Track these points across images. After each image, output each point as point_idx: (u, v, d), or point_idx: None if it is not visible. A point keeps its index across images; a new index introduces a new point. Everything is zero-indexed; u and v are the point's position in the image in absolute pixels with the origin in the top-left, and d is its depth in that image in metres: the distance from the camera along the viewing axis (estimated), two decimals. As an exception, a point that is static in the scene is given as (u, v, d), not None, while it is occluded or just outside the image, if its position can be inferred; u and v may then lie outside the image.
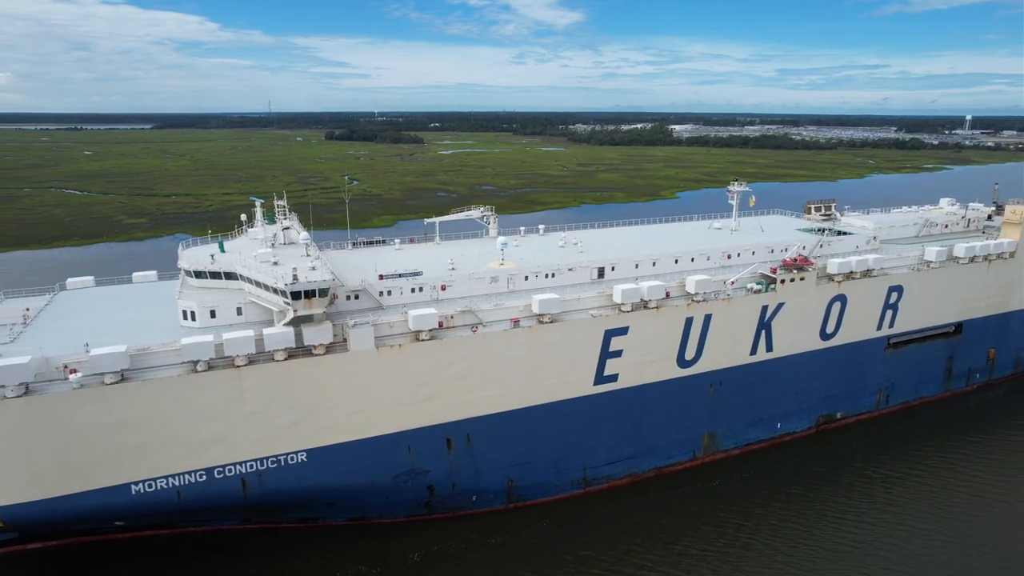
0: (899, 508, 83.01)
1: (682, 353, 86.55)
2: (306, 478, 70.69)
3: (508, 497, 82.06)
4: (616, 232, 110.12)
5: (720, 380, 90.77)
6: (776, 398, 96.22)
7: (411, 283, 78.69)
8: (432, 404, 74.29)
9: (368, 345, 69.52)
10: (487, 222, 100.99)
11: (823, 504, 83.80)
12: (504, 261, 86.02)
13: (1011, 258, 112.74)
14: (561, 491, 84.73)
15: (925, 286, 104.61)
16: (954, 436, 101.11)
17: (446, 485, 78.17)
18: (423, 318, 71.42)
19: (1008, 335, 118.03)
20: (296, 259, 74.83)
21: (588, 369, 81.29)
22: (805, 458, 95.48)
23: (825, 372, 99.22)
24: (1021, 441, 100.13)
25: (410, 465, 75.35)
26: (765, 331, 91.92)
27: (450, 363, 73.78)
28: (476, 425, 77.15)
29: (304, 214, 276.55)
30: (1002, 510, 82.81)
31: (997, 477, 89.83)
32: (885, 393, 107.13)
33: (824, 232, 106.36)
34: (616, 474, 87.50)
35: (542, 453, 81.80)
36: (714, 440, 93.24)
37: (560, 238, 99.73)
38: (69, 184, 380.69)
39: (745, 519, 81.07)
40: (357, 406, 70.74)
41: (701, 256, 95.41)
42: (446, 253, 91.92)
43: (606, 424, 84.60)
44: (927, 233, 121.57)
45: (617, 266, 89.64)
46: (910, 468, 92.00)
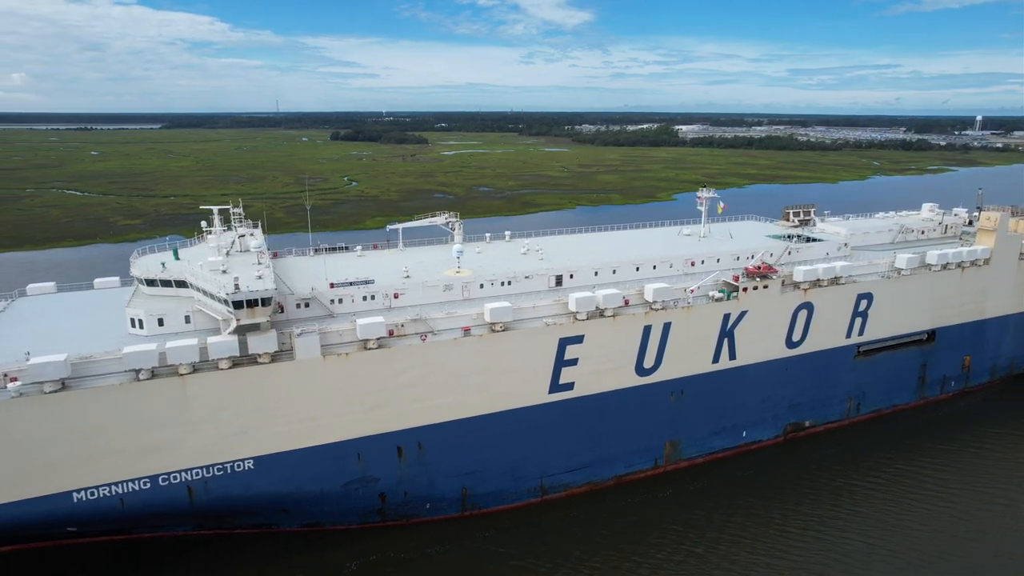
0: (864, 519, 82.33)
1: (641, 361, 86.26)
2: (254, 486, 70.98)
3: (463, 505, 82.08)
4: (583, 238, 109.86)
5: (681, 388, 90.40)
6: (741, 406, 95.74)
7: (363, 291, 78.83)
8: (382, 412, 74.40)
9: (314, 354, 69.70)
10: (452, 228, 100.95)
11: (786, 514, 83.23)
12: (460, 269, 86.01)
13: (985, 265, 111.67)
14: (518, 499, 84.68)
15: (896, 294, 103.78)
16: (925, 445, 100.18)
17: (398, 493, 78.31)
18: (370, 327, 71.57)
19: (984, 343, 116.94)
20: (247, 267, 75.29)
21: (543, 377, 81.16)
22: (771, 467, 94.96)
23: (792, 380, 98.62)
24: (993, 449, 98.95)
25: (360, 473, 75.50)
26: (728, 339, 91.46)
27: (399, 372, 73.86)
28: (427, 433, 77.22)
29: (299, 216, 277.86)
30: (972, 521, 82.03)
31: (969, 487, 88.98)
32: (856, 401, 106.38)
33: (792, 239, 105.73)
34: (575, 482, 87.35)
35: (497, 461, 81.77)
36: (676, 448, 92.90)
37: (523, 245, 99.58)
38: (71, 184, 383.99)
39: (706, 528, 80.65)
40: (304, 414, 70.94)
41: (664, 263, 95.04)
42: (407, 260, 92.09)
43: (563, 432, 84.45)
44: (903, 239, 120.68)
45: (576, 274, 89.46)
46: (878, 477, 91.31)
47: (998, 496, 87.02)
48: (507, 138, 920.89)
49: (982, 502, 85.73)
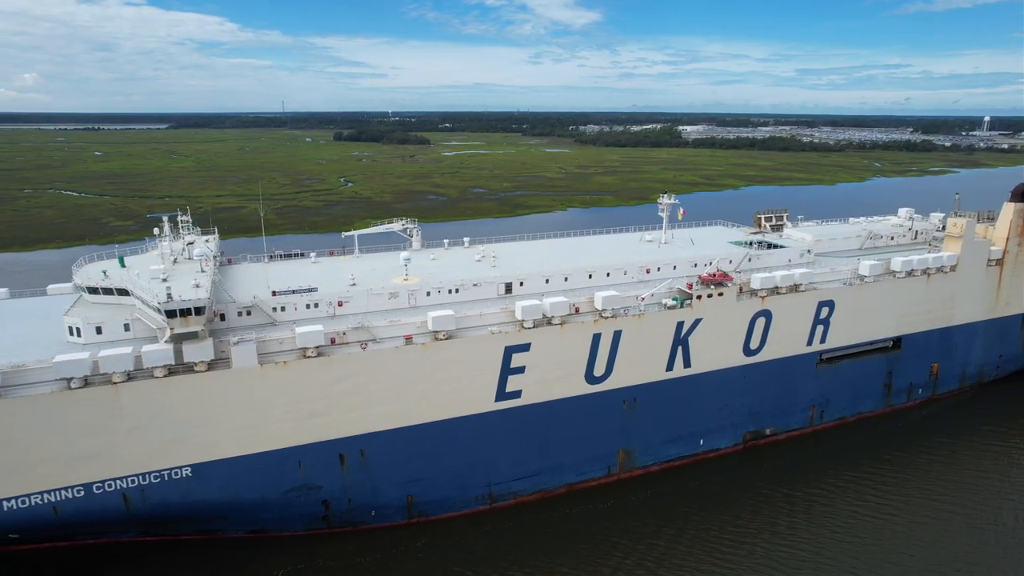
0: (818, 528, 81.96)
1: (591, 369, 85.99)
2: (192, 493, 71.21)
3: (409, 512, 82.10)
4: (542, 244, 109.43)
5: (634, 396, 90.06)
6: (697, 414, 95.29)
7: (306, 299, 78.92)
8: (322, 420, 74.47)
9: (251, 362, 69.83)
10: (410, 235, 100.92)
11: (742, 523, 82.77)
12: (408, 277, 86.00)
13: (952, 272, 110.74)
14: (465, 507, 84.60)
15: (859, 301, 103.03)
16: (888, 453, 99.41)
17: (342, 500, 78.38)
18: (309, 335, 71.68)
19: (952, 350, 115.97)
20: (190, 275, 75.54)
21: (488, 385, 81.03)
22: (729, 475, 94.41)
23: (750, 388, 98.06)
24: (957, 458, 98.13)
25: (301, 480, 75.60)
26: (682, 347, 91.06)
27: (339, 380, 73.89)
28: (370, 441, 77.25)
29: (291, 218, 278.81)
30: (930, 529, 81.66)
31: (928, 496, 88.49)
32: (819, 409, 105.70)
33: (753, 245, 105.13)
34: (524, 490, 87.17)
35: (443, 469, 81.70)
36: (630, 457, 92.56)
37: (479, 252, 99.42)
38: (70, 185, 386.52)
39: (656, 538, 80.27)
40: (242, 422, 71.10)
41: (618, 271, 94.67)
42: (362, 267, 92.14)
43: (511, 440, 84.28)
44: (872, 246, 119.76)
45: (526, 281, 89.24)
46: (837, 486, 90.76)
47: (958, 505, 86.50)
48: (510, 138, 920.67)
49: (941, 511, 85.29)
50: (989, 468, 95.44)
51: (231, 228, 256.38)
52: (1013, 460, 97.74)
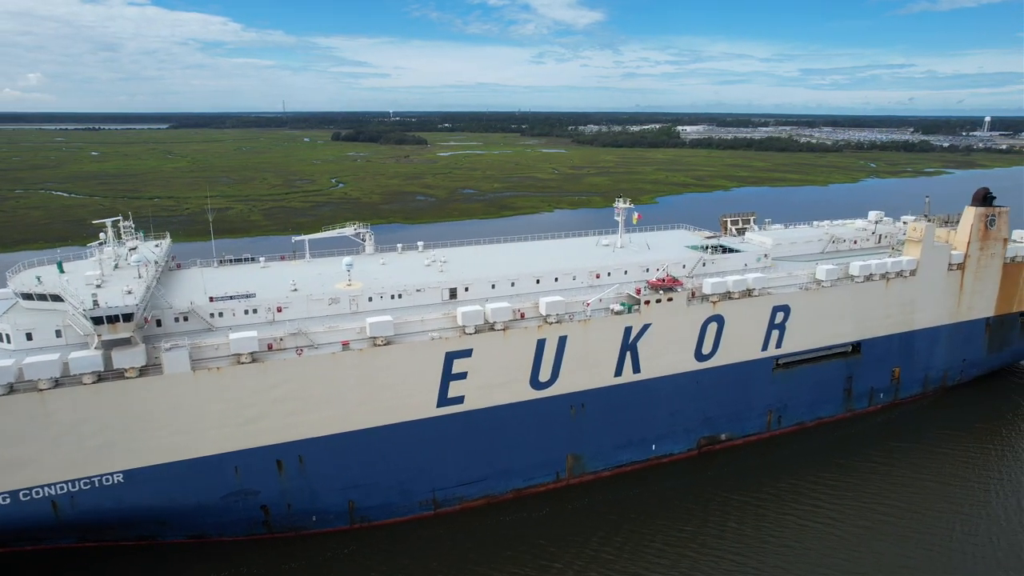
0: (767, 535, 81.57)
1: (536, 375, 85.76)
2: (125, 499, 71.17)
3: (351, 518, 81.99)
4: (496, 249, 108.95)
5: (582, 402, 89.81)
6: (648, 420, 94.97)
7: (244, 305, 78.84)
8: (259, 426, 74.40)
9: (183, 368, 69.78)
10: (363, 239, 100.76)
11: (686, 530, 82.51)
12: (351, 282, 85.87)
13: (912, 276, 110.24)
14: (410, 512, 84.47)
15: (815, 306, 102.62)
16: (845, 458, 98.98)
17: (281, 505, 78.33)
18: (242, 341, 71.61)
19: (913, 354, 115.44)
20: (128, 281, 75.57)
21: (429, 391, 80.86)
22: (681, 481, 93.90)
23: (704, 393, 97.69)
24: (915, 462, 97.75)
25: (238, 486, 75.55)
26: (631, 352, 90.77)
27: (275, 385, 73.82)
28: (308, 446, 77.16)
29: (276, 219, 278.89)
30: (886, 540, 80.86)
31: (882, 502, 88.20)
32: (776, 414, 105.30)
33: (708, 250, 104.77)
34: (470, 495, 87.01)
35: (384, 474, 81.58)
36: (579, 462, 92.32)
37: (430, 256, 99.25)
38: (62, 186, 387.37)
39: (603, 544, 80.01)
40: (176, 428, 71.03)
41: (567, 275, 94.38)
42: (309, 272, 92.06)
43: (455, 446, 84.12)
44: (834, 249, 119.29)
45: (472, 286, 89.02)
46: (792, 491, 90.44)
47: (913, 512, 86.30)
48: (509, 139, 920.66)
49: (893, 519, 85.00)
50: (947, 474, 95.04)
51: (217, 229, 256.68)
52: (969, 466, 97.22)
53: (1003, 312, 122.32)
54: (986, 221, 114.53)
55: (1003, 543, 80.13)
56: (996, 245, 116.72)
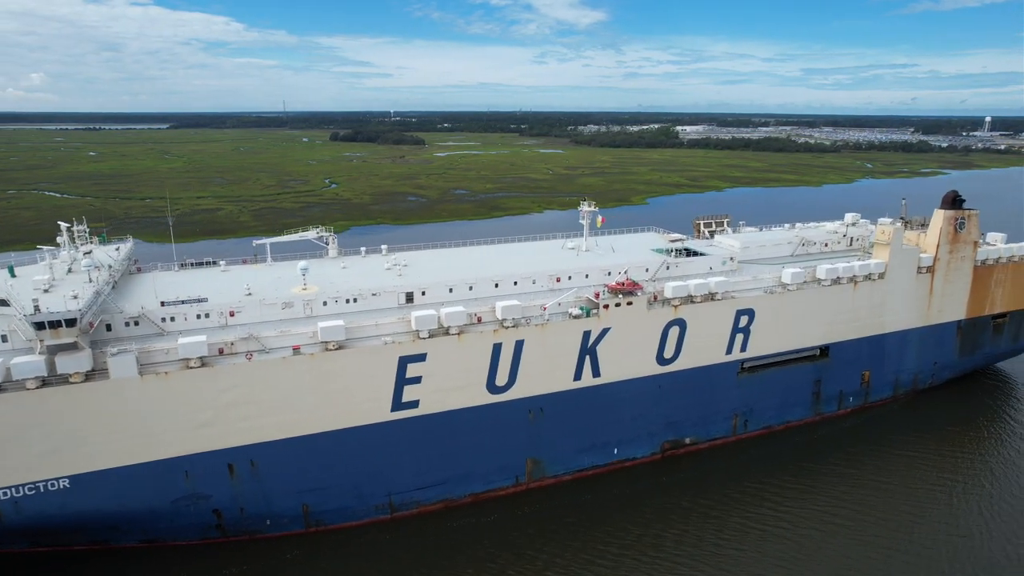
0: (727, 540, 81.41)
1: (492, 379, 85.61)
2: (71, 504, 71.16)
3: (306, 521, 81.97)
4: (459, 252, 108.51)
5: (540, 406, 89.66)
6: (609, 424, 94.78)
7: (196, 309, 78.85)
8: (209, 430, 74.37)
9: (130, 373, 69.74)
10: (326, 243, 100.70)
11: (647, 535, 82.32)
12: (306, 286, 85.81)
13: (880, 279, 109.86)
14: (366, 516, 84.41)
15: (781, 309, 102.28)
16: (810, 462, 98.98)
17: (233, 509, 78.32)
18: (191, 346, 71.59)
19: (883, 357, 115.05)
20: (77, 285, 75.63)
21: (383, 396, 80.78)
22: (643, 485, 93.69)
23: (666, 397, 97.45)
24: (883, 466, 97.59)
25: (189, 490, 75.54)
26: (590, 356, 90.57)
27: (224, 390, 73.78)
28: (260, 451, 77.12)
29: (265, 220, 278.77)
30: (851, 545, 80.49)
31: (844, 506, 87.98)
32: (743, 418, 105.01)
33: (672, 253, 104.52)
34: (427, 499, 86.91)
35: (339, 478, 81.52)
36: (539, 466, 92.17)
37: (390, 260, 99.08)
38: (56, 186, 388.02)
39: (563, 549, 79.88)
40: (123, 432, 71.00)
41: (526, 279, 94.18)
42: (269, 276, 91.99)
43: (410, 450, 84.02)
44: (804, 252, 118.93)
45: (429, 290, 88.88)
46: (754, 496, 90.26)
47: (872, 513, 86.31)
48: (507, 139, 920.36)
49: (858, 519, 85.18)
50: (914, 477, 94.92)
51: (203, 230, 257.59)
52: (933, 469, 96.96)
53: (975, 315, 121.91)
54: (955, 224, 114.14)
55: (963, 546, 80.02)
56: (966, 248, 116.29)
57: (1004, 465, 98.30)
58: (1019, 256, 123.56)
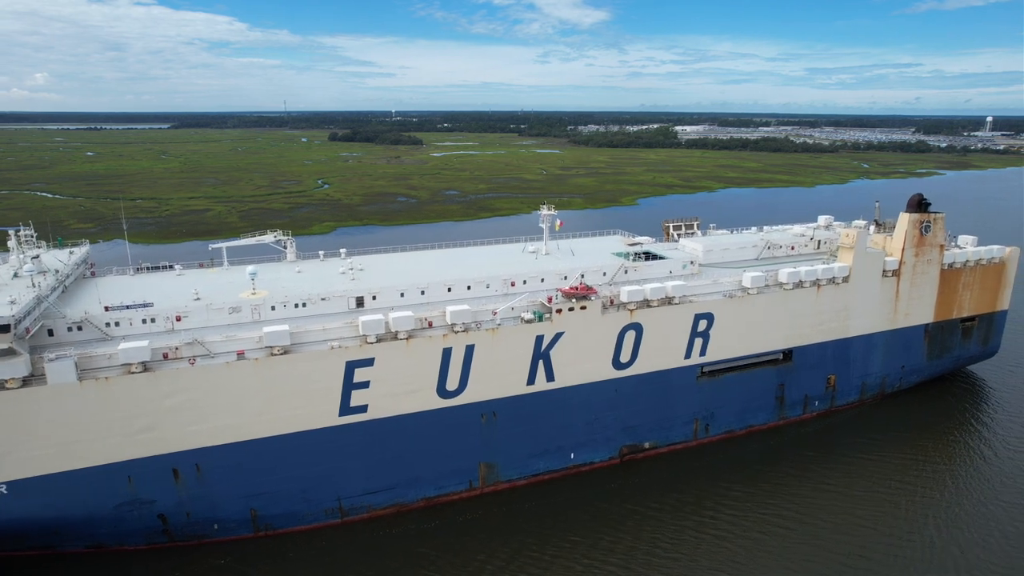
0: (680, 546, 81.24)
1: (443, 384, 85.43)
2: (8, 510, 71.09)
3: (254, 526, 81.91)
4: (418, 256, 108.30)
5: (493, 410, 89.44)
6: (564, 428, 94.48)
7: (141, 314, 78.80)
8: (152, 435, 74.29)
9: (69, 378, 69.67)
10: (284, 247, 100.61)
11: (599, 541, 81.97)
12: (255, 291, 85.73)
13: (845, 283, 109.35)
14: (315, 520, 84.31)
15: (741, 313, 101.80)
16: (767, 467, 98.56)
17: (179, 514, 78.27)
18: (131, 351, 71.51)
19: (849, 361, 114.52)
20: (19, 290, 75.63)
21: (331, 400, 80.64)
22: (599, 490, 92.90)
23: (624, 402, 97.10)
24: (845, 471, 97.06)
25: (132, 495, 75.50)
26: (543, 361, 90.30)
27: (167, 395, 73.70)
28: (205, 455, 77.05)
29: (253, 220, 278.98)
30: (807, 549, 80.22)
31: (800, 510, 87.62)
32: (704, 422, 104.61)
33: (630, 257, 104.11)
34: (378, 504, 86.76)
35: (287, 482, 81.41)
36: (493, 471, 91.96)
37: (347, 264, 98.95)
38: (49, 186, 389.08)
39: (515, 554, 79.77)
40: (62, 438, 70.92)
41: (480, 283, 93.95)
42: (222, 280, 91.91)
43: (359, 454, 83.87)
44: (770, 255, 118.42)
45: (380, 295, 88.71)
46: (711, 501, 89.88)
47: (827, 517, 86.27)
48: (506, 139, 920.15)
49: (811, 523, 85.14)
50: (876, 483, 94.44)
51: (190, 231, 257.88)
52: (899, 474, 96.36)
53: (943, 318, 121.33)
54: (921, 227, 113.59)
55: (914, 550, 79.79)
56: (932, 251, 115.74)
57: (964, 470, 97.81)
58: (987, 259, 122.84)
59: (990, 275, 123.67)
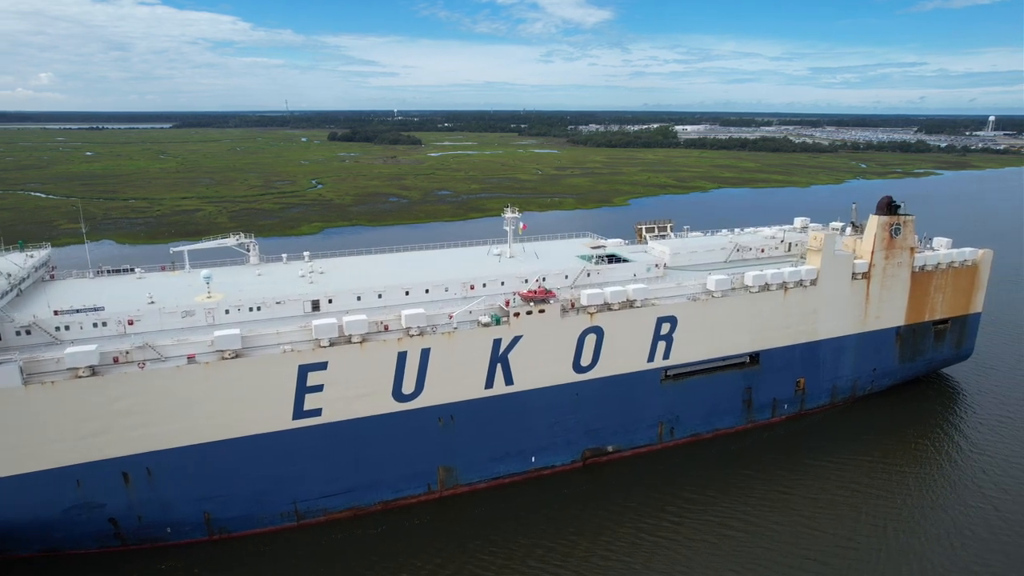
0: (637, 550, 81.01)
1: (398, 387, 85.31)
2: (-49, 515, 71.27)
3: (208, 529, 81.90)
4: (382, 259, 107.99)
5: (451, 414, 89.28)
6: (525, 431, 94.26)
7: (92, 318, 78.81)
8: (101, 439, 74.25)
9: (13, 383, 69.68)
10: (247, 249, 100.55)
11: (560, 544, 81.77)
12: (211, 294, 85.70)
13: (813, 286, 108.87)
14: (271, 523, 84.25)
15: (705, 316, 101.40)
16: (734, 470, 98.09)
17: (130, 518, 78.27)
18: (78, 355, 71.46)
19: (819, 364, 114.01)
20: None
21: (284, 404, 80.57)
22: (560, 494, 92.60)
23: (585, 405, 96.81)
24: (812, 475, 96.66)
25: (81, 499, 75.50)
26: (501, 364, 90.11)
27: (116, 399, 73.67)
28: (156, 459, 77.02)
29: (242, 220, 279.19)
30: (771, 555, 79.77)
31: (758, 514, 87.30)
32: (668, 426, 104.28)
33: (594, 260, 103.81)
34: (334, 507, 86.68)
35: (241, 486, 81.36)
36: (452, 474, 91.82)
37: (306, 267, 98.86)
38: (44, 186, 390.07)
39: (471, 556, 79.54)
40: (8, 442, 70.92)
41: (438, 287, 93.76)
42: (181, 283, 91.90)
43: (315, 457, 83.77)
44: (739, 258, 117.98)
45: (336, 298, 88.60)
46: (673, 505, 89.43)
47: (789, 521, 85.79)
48: (506, 138, 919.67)
49: (773, 527, 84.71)
50: (841, 486, 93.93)
51: (179, 232, 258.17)
52: (865, 477, 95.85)
53: (914, 321, 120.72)
54: (891, 230, 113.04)
55: (869, 554, 79.39)
56: (903, 254, 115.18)
57: (930, 474, 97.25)
58: (959, 262, 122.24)
59: (962, 278, 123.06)
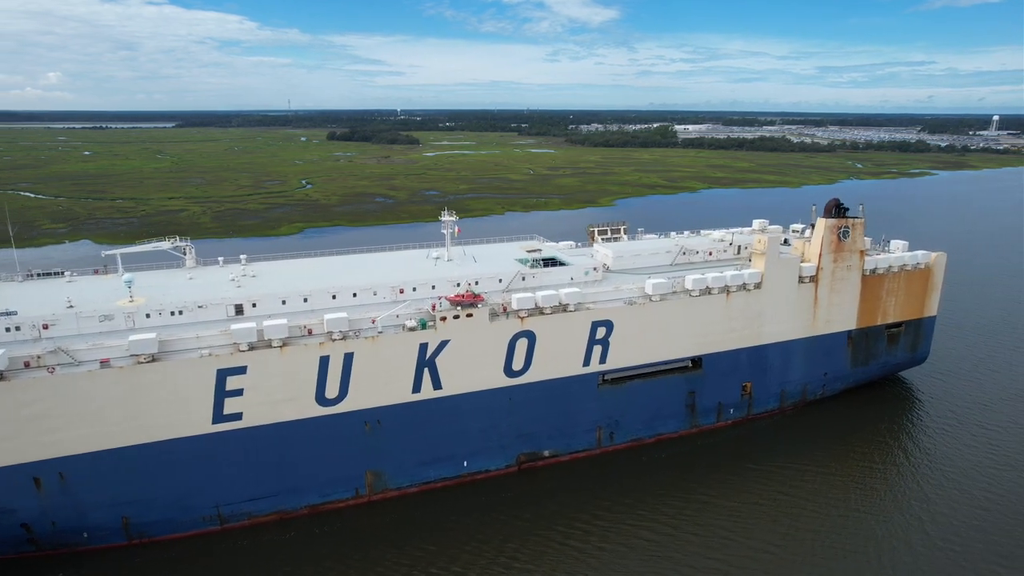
0: (560, 558, 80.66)
1: (321, 392, 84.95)
2: None
3: (127, 533, 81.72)
4: (321, 262, 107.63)
5: (377, 418, 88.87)
6: (456, 436, 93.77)
7: (4, 323, 78.71)
8: (10, 444, 74.09)
9: (-84, 387, 69.70)
10: (183, 252, 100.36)
11: (489, 552, 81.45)
12: (133, 298, 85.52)
13: (757, 289, 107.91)
14: (192, 527, 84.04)
15: (643, 320, 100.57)
16: (681, 476, 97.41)
17: (44, 523, 78.13)
18: (-18, 360, 71.43)
19: (766, 369, 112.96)
20: None
21: (203, 408, 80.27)
22: (491, 498, 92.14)
23: (518, 410, 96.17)
24: (759, 480, 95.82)
25: (-9, 504, 75.47)
26: (429, 369, 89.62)
27: (26, 404, 73.49)
28: (69, 464, 76.81)
29: (225, 222, 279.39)
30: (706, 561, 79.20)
31: (696, 523, 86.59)
32: (607, 430, 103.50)
33: (530, 263, 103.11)
34: (259, 511, 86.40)
35: (161, 490, 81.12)
36: (380, 478, 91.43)
37: (239, 271, 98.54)
38: (34, 186, 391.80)
39: (398, 559, 79.78)
40: (-88, 447, 71.03)
41: (366, 291, 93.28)
42: (109, 287, 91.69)
43: (237, 462, 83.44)
44: (685, 261, 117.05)
45: (260, 302, 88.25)
46: (604, 512, 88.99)
47: (725, 528, 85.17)
48: (506, 138, 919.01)
49: (711, 531, 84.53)
50: (781, 491, 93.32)
51: (161, 232, 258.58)
52: (809, 483, 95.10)
53: (866, 325, 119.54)
54: (838, 233, 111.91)
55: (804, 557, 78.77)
56: (852, 257, 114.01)
57: (876, 479, 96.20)
58: (912, 265, 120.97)
59: (915, 281, 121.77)
